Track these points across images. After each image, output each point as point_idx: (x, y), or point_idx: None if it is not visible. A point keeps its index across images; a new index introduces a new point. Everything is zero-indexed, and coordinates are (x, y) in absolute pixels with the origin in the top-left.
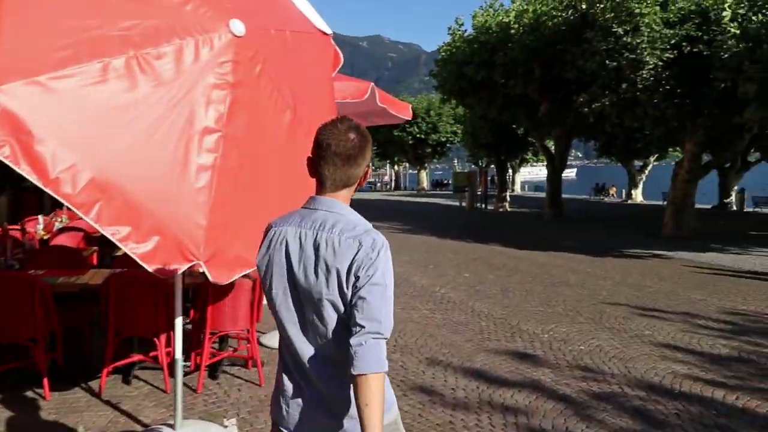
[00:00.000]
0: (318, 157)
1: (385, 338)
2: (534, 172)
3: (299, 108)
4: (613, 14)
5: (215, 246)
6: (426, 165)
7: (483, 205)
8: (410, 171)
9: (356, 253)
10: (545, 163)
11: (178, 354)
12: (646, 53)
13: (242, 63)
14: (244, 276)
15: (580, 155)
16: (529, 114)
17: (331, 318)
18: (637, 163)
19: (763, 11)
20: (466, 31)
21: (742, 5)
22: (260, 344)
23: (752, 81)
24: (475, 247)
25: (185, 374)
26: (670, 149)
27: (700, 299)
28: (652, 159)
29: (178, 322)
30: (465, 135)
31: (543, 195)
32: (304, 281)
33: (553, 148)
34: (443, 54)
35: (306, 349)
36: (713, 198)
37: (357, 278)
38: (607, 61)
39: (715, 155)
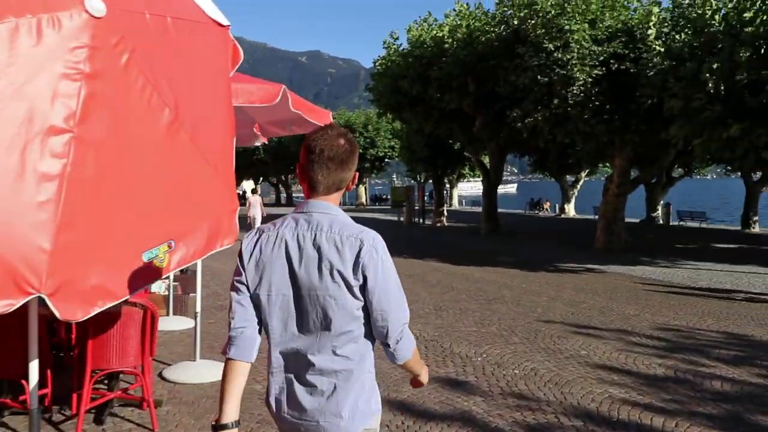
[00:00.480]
0: (310, 162)
1: (407, 323)
2: (475, 186)
3: (182, 108)
4: (544, 30)
5: (64, 275)
6: (365, 180)
7: (421, 220)
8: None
9: (359, 251)
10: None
11: (33, 404)
12: (576, 69)
13: (102, 50)
14: (133, 305)
15: (516, 170)
16: (464, 129)
17: (335, 312)
18: (569, 178)
19: (686, 30)
20: (401, 45)
21: (666, 25)
22: (164, 379)
23: (677, 97)
24: (411, 263)
25: (65, 419)
26: (600, 164)
27: (633, 315)
28: (583, 174)
29: (33, 366)
30: (402, 149)
31: (480, 210)
32: (307, 280)
33: (488, 162)
34: (378, 68)
35: (305, 343)
36: (641, 212)
37: (366, 277)
38: (539, 77)
39: (642, 170)
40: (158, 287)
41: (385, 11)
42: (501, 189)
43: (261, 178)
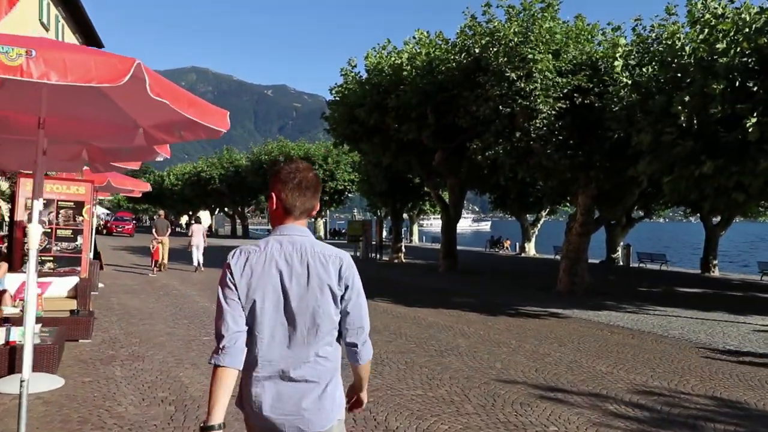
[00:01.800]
0: (290, 191)
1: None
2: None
3: None
4: (506, 59)
5: None
6: (323, 213)
7: (378, 256)
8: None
9: (340, 268)
10: (435, 213)
11: None
12: (539, 101)
13: None
14: None
15: (477, 209)
16: (423, 162)
17: (322, 319)
18: (530, 217)
19: (652, 64)
20: (358, 72)
21: (633, 57)
22: None
23: (646, 132)
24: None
25: None
26: (561, 204)
27: (606, 372)
28: (543, 213)
29: None
30: (361, 183)
31: (437, 246)
32: (297, 293)
33: (447, 198)
34: (335, 96)
35: (292, 347)
36: (600, 253)
37: (347, 288)
38: (500, 107)
39: (606, 210)
40: (19, 335)
41: (353, 48)
42: (476, 225)
43: (217, 209)
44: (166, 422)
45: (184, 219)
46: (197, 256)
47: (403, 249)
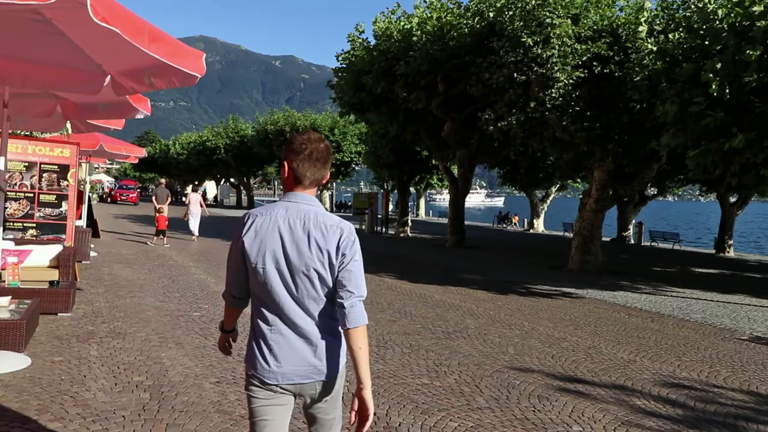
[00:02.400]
0: (301, 161)
1: (364, 299)
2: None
3: None
4: (522, 23)
5: None
6: (329, 185)
7: (383, 229)
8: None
9: (340, 237)
10: (443, 188)
11: None
12: (556, 68)
13: None
14: None
15: (484, 184)
16: (432, 133)
17: (318, 284)
18: (539, 192)
19: (679, 30)
20: (366, 38)
21: (658, 23)
22: None
23: (671, 102)
24: (370, 282)
25: None
26: (573, 180)
27: (628, 360)
28: (554, 189)
29: None
30: (367, 154)
31: (444, 221)
32: (297, 257)
33: (456, 171)
34: (341, 62)
35: (294, 309)
36: (610, 231)
37: (344, 255)
38: (515, 75)
39: (621, 186)
40: None
41: (362, 15)
42: (489, 201)
43: (222, 180)
44: (137, 413)
45: (189, 188)
46: (194, 224)
47: (410, 223)
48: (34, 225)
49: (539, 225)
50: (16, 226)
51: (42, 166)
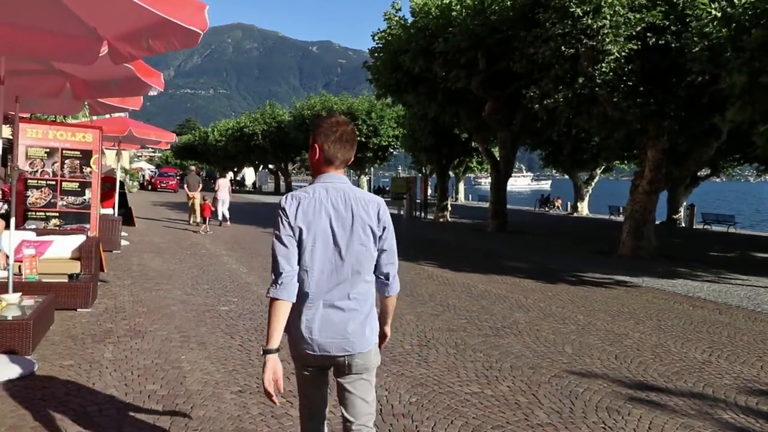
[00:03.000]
0: (332, 143)
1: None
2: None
3: None
4: None
5: None
6: (366, 170)
7: (422, 215)
8: (351, 177)
9: (378, 211)
10: (482, 171)
11: None
12: (608, 40)
13: None
14: None
15: (523, 167)
16: (471, 113)
17: (364, 256)
18: (583, 174)
19: None
20: (403, 16)
21: None
22: None
23: (739, 72)
24: (402, 268)
25: None
26: (621, 161)
27: (703, 361)
28: (598, 170)
29: None
30: (405, 138)
31: (487, 205)
32: (343, 233)
33: (498, 153)
34: (377, 42)
35: (338, 281)
36: (659, 214)
37: (384, 228)
38: (563, 48)
39: (677, 167)
40: None
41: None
42: (535, 184)
43: (260, 166)
44: None
45: (229, 175)
46: (222, 210)
47: (449, 207)
48: (57, 214)
49: (583, 208)
50: (39, 215)
51: (64, 152)
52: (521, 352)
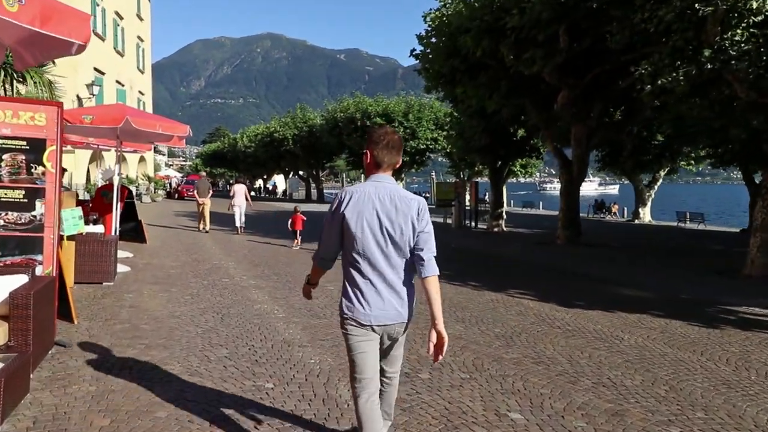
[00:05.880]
0: (381, 149)
1: (435, 255)
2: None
3: None
4: None
5: None
6: (403, 175)
7: (473, 224)
8: None
9: (418, 206)
10: (526, 175)
11: None
12: None
13: None
14: None
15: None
16: (540, 106)
17: (405, 244)
18: (645, 178)
19: None
20: None
21: None
22: None
23: None
24: (470, 296)
25: None
26: (683, 163)
27: None
28: (662, 173)
29: None
30: (453, 138)
31: (533, 212)
32: (389, 224)
33: (572, 151)
34: (430, 24)
35: (386, 264)
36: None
37: (422, 220)
38: (697, 5)
39: None
40: None
41: (425, 8)
42: (602, 189)
43: (291, 173)
44: None
45: (258, 183)
46: (239, 217)
47: (504, 216)
48: None
49: (645, 214)
50: None
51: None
52: None
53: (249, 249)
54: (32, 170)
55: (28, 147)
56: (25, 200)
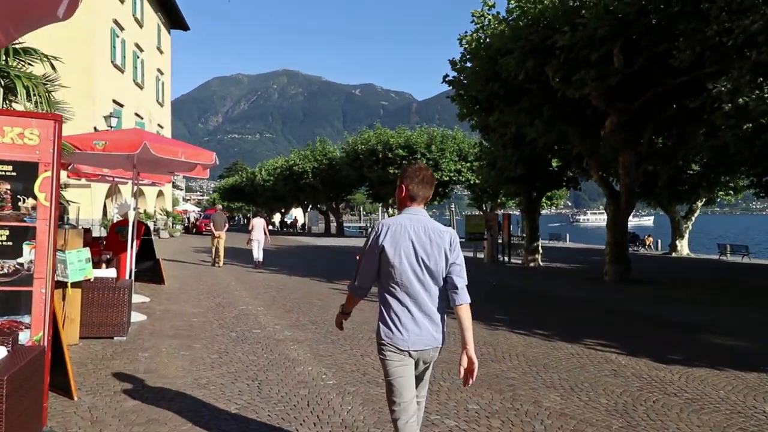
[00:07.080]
0: (416, 185)
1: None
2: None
3: None
4: None
5: None
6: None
7: (506, 258)
8: None
9: (450, 238)
10: (551, 207)
11: None
12: None
13: None
14: None
15: (570, 203)
16: (585, 132)
17: (438, 274)
18: (680, 209)
19: None
20: (498, 13)
21: None
22: None
23: None
24: (544, 349)
25: None
26: (721, 193)
27: None
28: (699, 204)
29: None
30: (484, 168)
31: (561, 245)
32: (424, 255)
33: (621, 181)
34: (465, 47)
35: (422, 292)
36: None
37: (453, 250)
38: None
39: None
40: None
41: (439, 45)
42: (636, 221)
43: (309, 206)
44: None
45: (277, 217)
46: (258, 252)
47: (540, 250)
48: None
49: (683, 247)
50: None
51: None
52: None
53: (276, 290)
54: (19, 203)
55: (14, 173)
56: (9, 243)
